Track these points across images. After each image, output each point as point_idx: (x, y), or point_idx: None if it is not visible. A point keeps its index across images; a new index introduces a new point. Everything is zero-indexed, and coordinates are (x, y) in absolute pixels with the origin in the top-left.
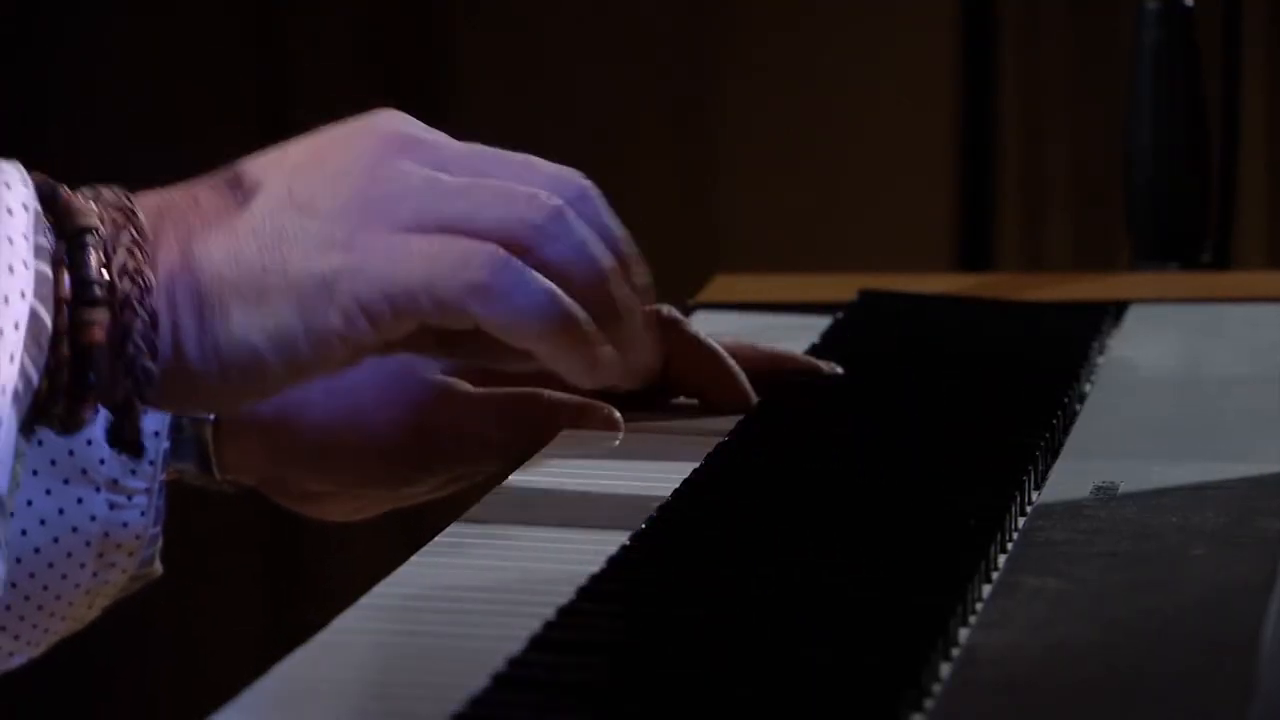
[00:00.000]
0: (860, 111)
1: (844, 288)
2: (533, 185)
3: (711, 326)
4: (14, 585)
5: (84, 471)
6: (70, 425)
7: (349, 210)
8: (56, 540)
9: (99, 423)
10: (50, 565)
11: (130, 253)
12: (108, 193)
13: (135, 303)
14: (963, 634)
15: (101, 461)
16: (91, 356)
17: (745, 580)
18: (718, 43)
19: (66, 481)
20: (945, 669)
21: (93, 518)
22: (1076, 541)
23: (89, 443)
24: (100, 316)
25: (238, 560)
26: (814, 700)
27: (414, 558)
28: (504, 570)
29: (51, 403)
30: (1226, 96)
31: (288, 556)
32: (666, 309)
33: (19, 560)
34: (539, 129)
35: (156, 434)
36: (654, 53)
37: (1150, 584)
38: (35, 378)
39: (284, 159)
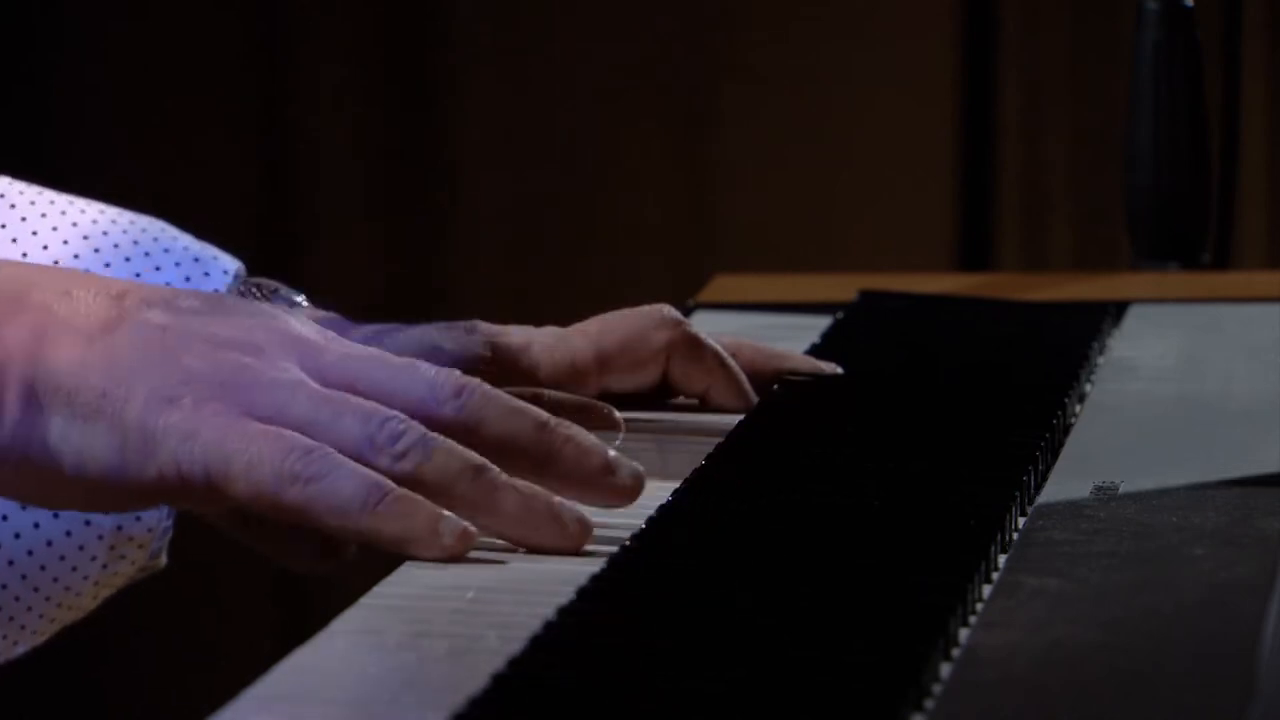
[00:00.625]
0: (860, 112)
1: (844, 288)
2: (406, 391)
3: (711, 326)
4: (24, 577)
5: None
6: None
7: (210, 380)
8: (69, 533)
9: None
10: (61, 558)
11: None
12: None
13: None
14: (963, 634)
15: None
16: None
17: (745, 580)
18: (718, 42)
19: None
20: (945, 669)
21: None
22: (1077, 541)
23: None
24: None
25: (238, 560)
26: (814, 700)
27: (414, 558)
28: (504, 570)
29: None
30: (1226, 96)
31: None
32: (667, 309)
33: (30, 552)
34: (539, 128)
35: None
36: (655, 53)
37: (1150, 584)
38: None
39: (179, 302)
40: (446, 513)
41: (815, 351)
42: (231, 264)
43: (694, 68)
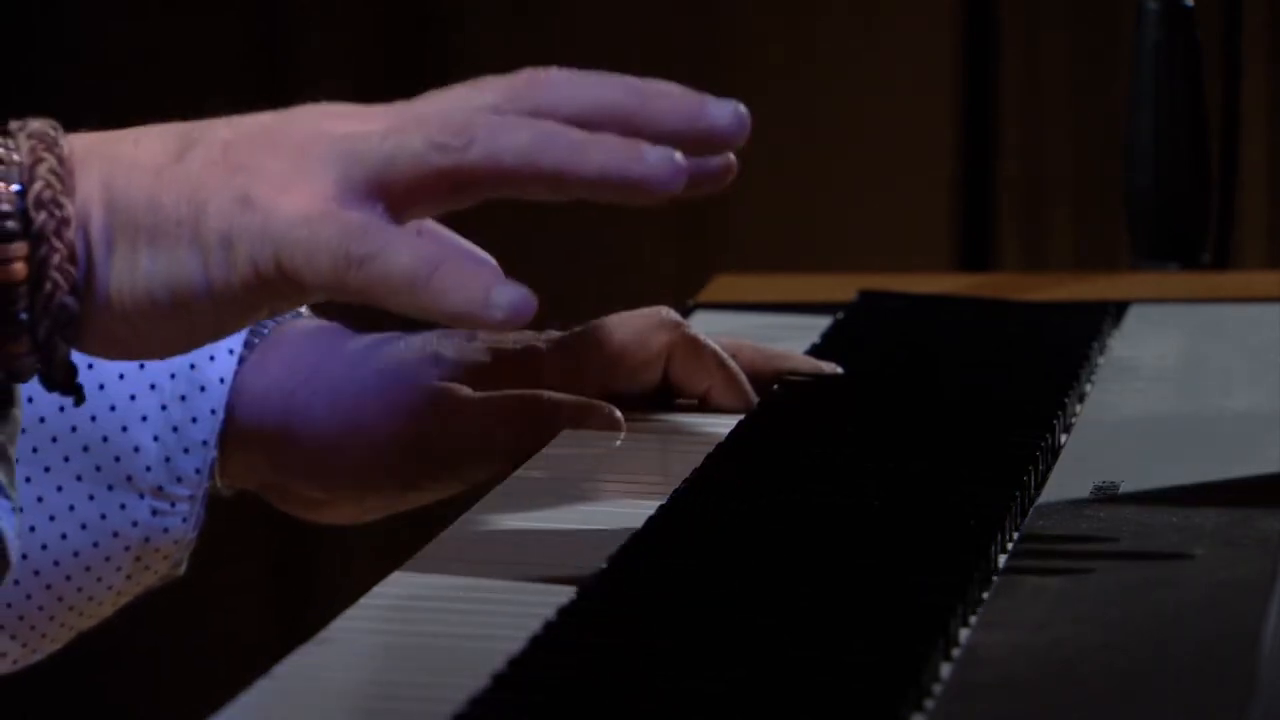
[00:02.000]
0: (860, 111)
1: (844, 288)
2: (475, 102)
3: (711, 326)
4: (48, 587)
5: (129, 477)
6: (14, 370)
7: (271, 172)
8: (96, 544)
9: (145, 426)
10: (87, 569)
11: (47, 183)
12: (34, 123)
13: (52, 235)
14: (963, 634)
15: (148, 469)
16: (15, 294)
17: (745, 580)
18: (718, 42)
19: (110, 487)
20: (946, 669)
21: (135, 523)
22: (1077, 541)
23: (136, 449)
24: (19, 251)
25: (238, 560)
26: (814, 700)
27: (414, 558)
28: (504, 570)
29: None
30: (1226, 96)
31: (288, 556)
32: (666, 311)
33: (56, 563)
34: None
35: (205, 443)
36: (654, 53)
37: (1150, 583)
38: None
39: (235, 123)
40: (504, 280)
41: (815, 351)
42: None
43: (694, 68)
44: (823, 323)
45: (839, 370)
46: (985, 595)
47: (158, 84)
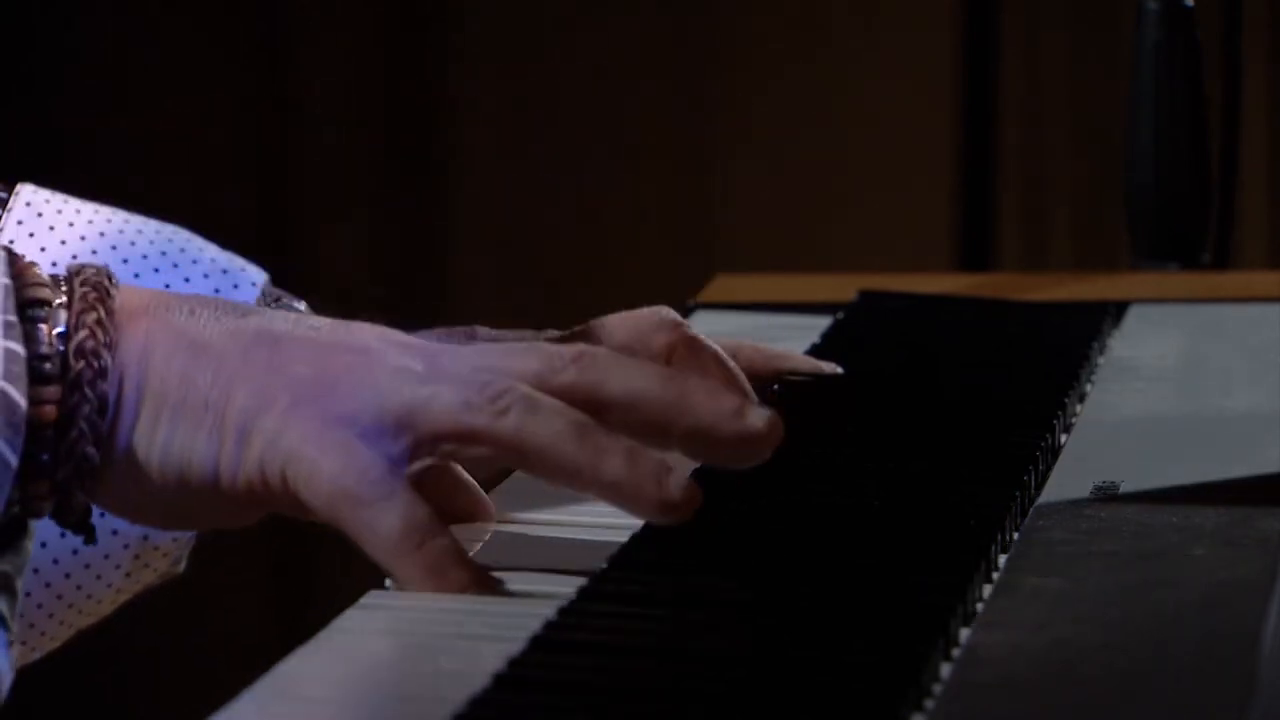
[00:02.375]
0: (860, 111)
1: (844, 288)
2: (522, 366)
3: (711, 326)
4: (48, 585)
5: None
6: (29, 508)
7: (309, 382)
8: (96, 543)
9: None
10: (86, 566)
11: (92, 333)
12: (89, 270)
13: (86, 385)
14: (963, 634)
15: None
16: (43, 436)
17: (746, 580)
18: (718, 42)
19: None
20: (946, 669)
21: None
22: (1077, 541)
23: None
24: (52, 394)
25: (238, 560)
26: (814, 700)
27: None
28: (505, 570)
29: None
30: (1226, 96)
31: (288, 556)
32: (666, 311)
33: (55, 561)
34: (539, 128)
35: None
36: (655, 53)
37: (1150, 583)
38: (14, 460)
39: (294, 321)
40: (481, 584)
41: (815, 351)
42: (259, 275)
43: (694, 68)
44: (823, 323)
45: (839, 370)
46: (985, 595)
47: (158, 84)
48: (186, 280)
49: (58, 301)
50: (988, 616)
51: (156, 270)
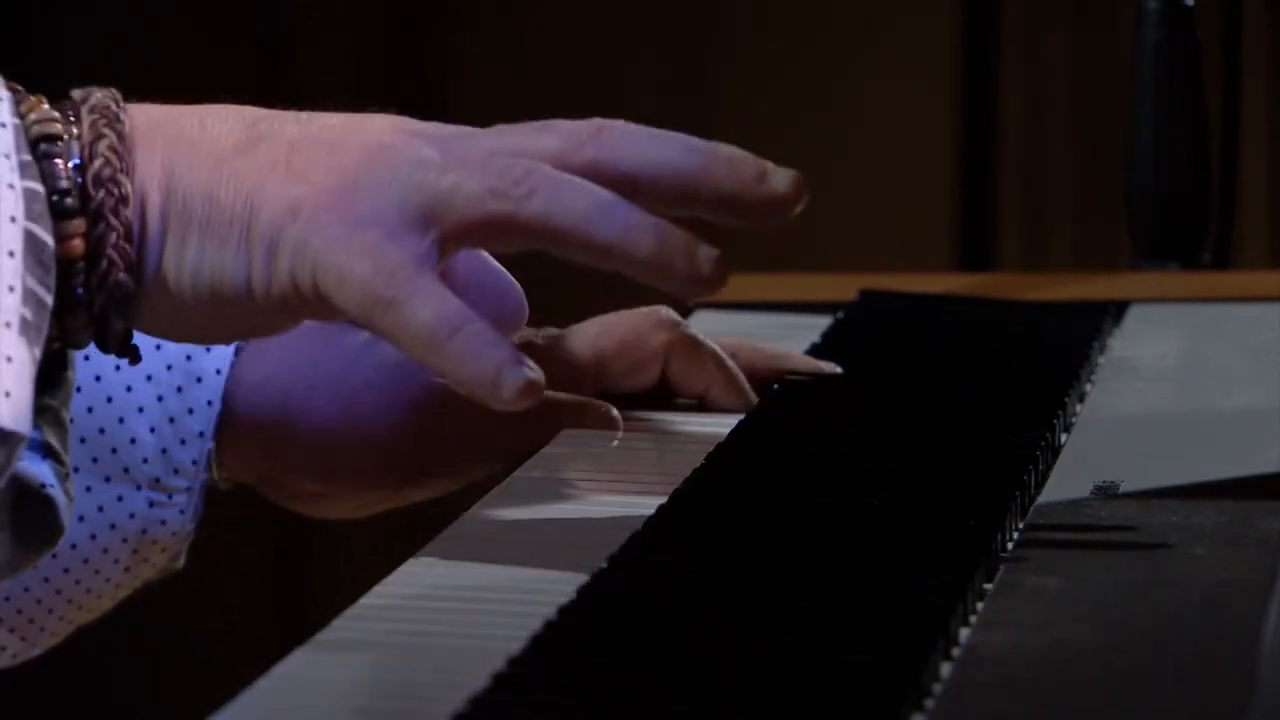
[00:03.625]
0: (860, 111)
1: (844, 288)
2: (541, 146)
3: (711, 326)
4: (46, 580)
5: (125, 469)
6: (70, 340)
7: (331, 187)
8: (94, 537)
9: (142, 418)
10: (85, 561)
11: (107, 160)
12: (98, 94)
13: (109, 213)
14: (963, 633)
15: (145, 461)
16: (73, 270)
17: (745, 579)
18: (718, 42)
19: (108, 479)
20: (946, 668)
21: (132, 515)
22: (1077, 541)
23: (132, 441)
24: (77, 228)
25: (238, 560)
26: (814, 699)
27: (414, 558)
28: (504, 569)
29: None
30: (1227, 96)
31: (288, 556)
32: (665, 310)
33: (54, 556)
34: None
35: (202, 434)
36: (655, 52)
37: (1150, 583)
38: (48, 298)
39: (304, 122)
40: (517, 362)
41: (815, 351)
42: None
43: (694, 68)
44: (823, 323)
45: (839, 370)
46: (985, 595)
47: (157, 84)
48: None
49: (70, 133)
50: (988, 616)
51: None
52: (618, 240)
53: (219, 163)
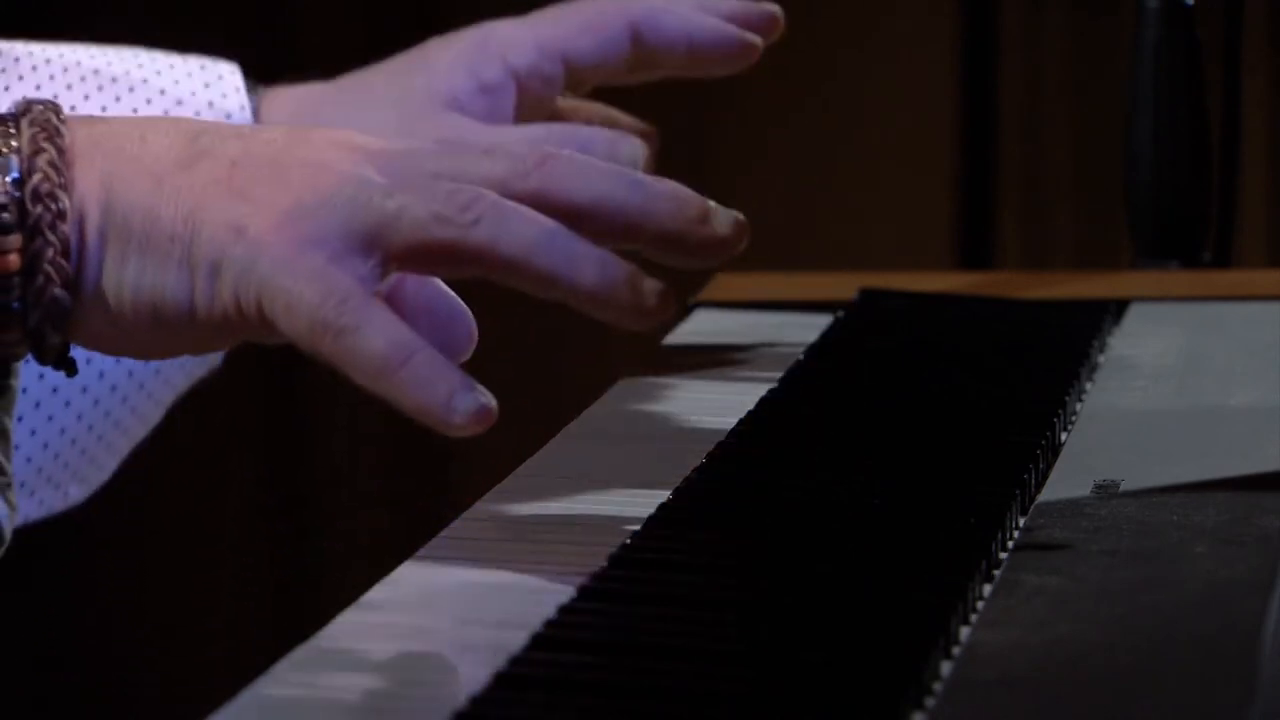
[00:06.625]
0: (860, 110)
1: (844, 287)
2: (486, 171)
3: (712, 325)
4: (105, 411)
5: None
6: (6, 353)
7: (275, 207)
8: (77, 374)
9: None
10: (141, 387)
11: (46, 175)
12: (37, 108)
13: (47, 228)
14: (964, 632)
15: None
16: (9, 284)
17: (745, 579)
18: None
19: None
20: (946, 667)
21: None
22: (1077, 540)
23: None
24: (14, 243)
25: (238, 560)
26: (815, 698)
27: (413, 557)
28: (504, 569)
29: None
30: (1227, 95)
31: (288, 555)
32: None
33: (114, 388)
34: None
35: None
36: None
37: (1151, 582)
38: None
39: (246, 139)
40: (469, 388)
41: (815, 351)
42: (232, 75)
43: None
44: (823, 322)
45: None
46: (985, 594)
47: None
48: (179, 102)
49: (7, 146)
50: (988, 615)
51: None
52: (562, 271)
53: (159, 179)
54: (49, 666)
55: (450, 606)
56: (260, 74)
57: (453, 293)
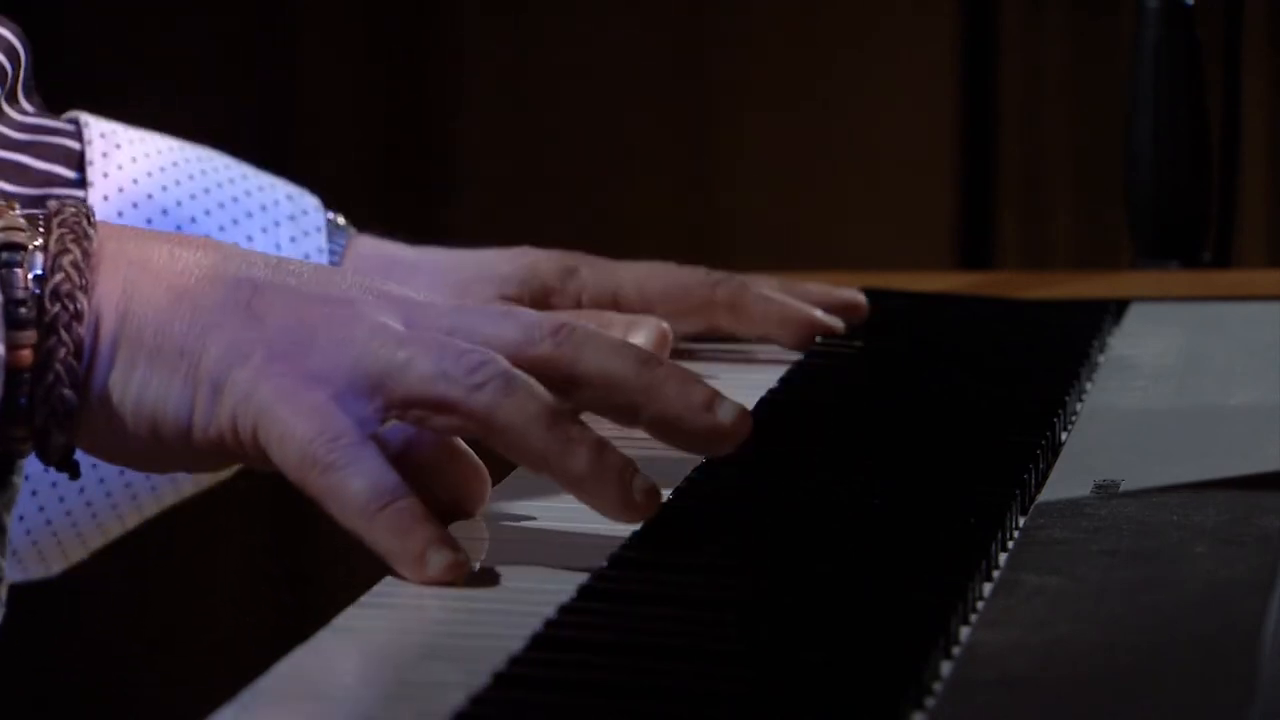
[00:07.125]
0: (860, 110)
1: (844, 287)
2: (500, 333)
3: None
4: (107, 492)
5: None
6: (11, 449)
7: (286, 338)
8: (80, 477)
9: None
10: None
11: (68, 276)
12: (69, 210)
13: (62, 328)
14: (964, 632)
15: None
16: (19, 380)
17: (745, 578)
18: (718, 44)
19: None
20: (946, 667)
21: None
22: (1077, 540)
23: None
24: (29, 338)
25: (239, 560)
26: (815, 698)
27: None
28: (504, 569)
29: None
30: (1227, 95)
31: (288, 556)
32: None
33: (121, 472)
34: (539, 126)
35: None
36: (655, 53)
37: (1151, 582)
38: None
39: (276, 266)
40: (444, 543)
41: (815, 351)
42: (315, 211)
43: (696, 69)
44: None
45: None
46: (986, 593)
47: (156, 84)
48: (249, 239)
49: (34, 244)
50: (988, 615)
51: (219, 212)
52: (554, 454)
53: (179, 294)
54: (49, 666)
55: (450, 606)
56: (260, 74)
57: (473, 452)
